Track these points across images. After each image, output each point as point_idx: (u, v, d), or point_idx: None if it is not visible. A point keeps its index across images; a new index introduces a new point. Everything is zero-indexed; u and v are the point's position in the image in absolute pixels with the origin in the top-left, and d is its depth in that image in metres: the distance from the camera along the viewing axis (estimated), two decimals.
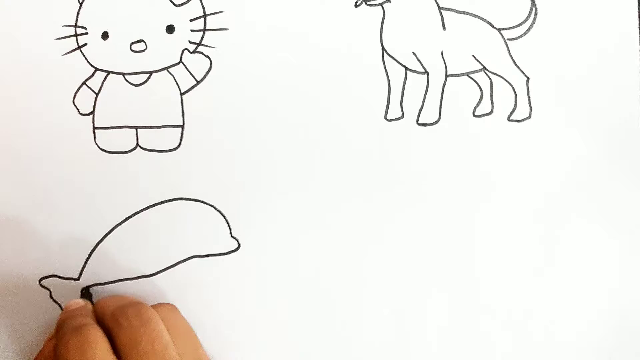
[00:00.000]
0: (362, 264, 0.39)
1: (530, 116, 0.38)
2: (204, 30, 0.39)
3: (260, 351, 0.39)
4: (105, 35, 0.40)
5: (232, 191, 0.39)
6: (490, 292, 0.39)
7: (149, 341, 0.31)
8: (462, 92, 0.39)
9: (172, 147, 0.40)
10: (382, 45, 0.39)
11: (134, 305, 0.33)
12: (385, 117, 0.39)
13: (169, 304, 0.37)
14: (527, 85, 0.38)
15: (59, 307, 0.40)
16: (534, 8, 0.38)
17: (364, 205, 0.39)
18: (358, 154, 0.39)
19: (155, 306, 0.36)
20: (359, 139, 0.39)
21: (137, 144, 0.40)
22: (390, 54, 0.39)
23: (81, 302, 0.37)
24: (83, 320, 0.33)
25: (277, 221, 0.39)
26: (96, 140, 0.40)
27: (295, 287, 0.39)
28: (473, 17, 0.39)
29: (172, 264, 0.39)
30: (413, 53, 0.39)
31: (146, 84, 0.40)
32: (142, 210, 0.39)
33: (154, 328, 0.31)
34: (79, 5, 0.40)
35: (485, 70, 0.39)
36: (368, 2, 0.39)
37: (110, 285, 0.39)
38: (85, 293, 0.39)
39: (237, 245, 0.39)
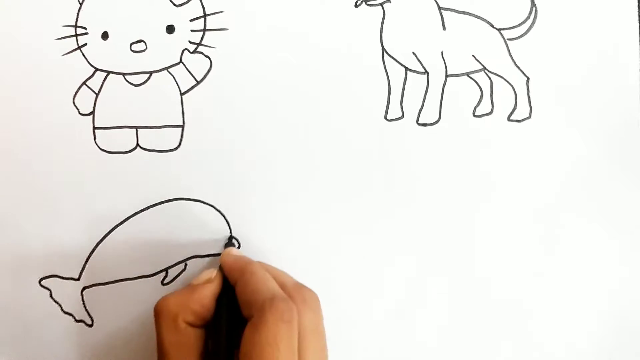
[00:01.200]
0: (362, 263, 0.39)
1: (530, 116, 0.39)
2: (204, 30, 0.39)
3: None
4: (105, 36, 0.40)
5: (232, 191, 0.39)
6: (490, 291, 0.39)
7: (323, 331, 0.33)
8: (462, 92, 0.39)
9: (172, 147, 0.40)
10: (382, 45, 0.39)
11: (312, 292, 0.34)
12: (385, 117, 0.39)
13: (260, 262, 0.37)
14: (527, 85, 0.38)
15: (59, 307, 0.40)
16: (534, 8, 0.38)
17: (364, 204, 0.39)
18: (358, 154, 0.39)
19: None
20: (359, 139, 0.39)
21: (137, 144, 0.40)
22: (390, 54, 0.39)
23: (243, 254, 0.37)
24: (275, 286, 0.33)
25: (277, 221, 0.39)
26: (96, 140, 0.40)
27: None
28: (473, 17, 0.39)
29: (172, 264, 0.39)
30: (413, 53, 0.39)
31: (146, 84, 0.40)
32: (142, 210, 0.39)
33: (322, 321, 0.34)
34: (79, 5, 0.40)
35: (485, 70, 0.39)
36: (368, 2, 0.39)
37: (110, 285, 0.39)
38: (229, 242, 0.39)
39: (237, 245, 0.39)
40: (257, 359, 0.30)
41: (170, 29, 0.40)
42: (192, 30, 0.39)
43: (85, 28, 0.40)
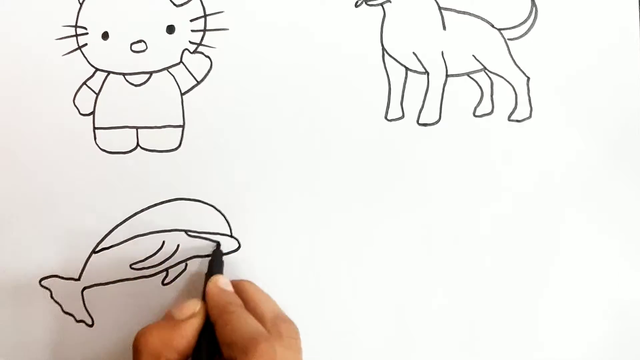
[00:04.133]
0: (362, 263, 0.39)
1: (530, 116, 0.38)
2: (204, 30, 0.39)
3: None
4: (105, 36, 0.40)
5: (232, 191, 0.39)
6: (490, 291, 0.39)
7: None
8: (463, 92, 0.39)
9: (172, 147, 0.40)
10: (382, 45, 0.39)
11: (291, 326, 0.34)
12: (386, 117, 0.39)
13: (247, 281, 0.37)
14: (528, 85, 0.38)
15: (59, 307, 0.40)
16: (534, 8, 0.38)
17: (364, 204, 0.39)
18: (358, 154, 0.39)
19: (237, 282, 0.37)
20: (359, 139, 0.39)
21: (137, 144, 0.40)
22: (390, 54, 0.39)
23: (229, 285, 0.36)
24: (256, 324, 0.33)
25: (277, 221, 0.39)
26: (96, 140, 0.40)
27: (296, 286, 0.39)
28: (473, 17, 0.39)
29: (172, 264, 0.39)
30: (413, 53, 0.39)
31: (146, 84, 0.40)
32: (142, 211, 0.39)
33: (299, 352, 0.33)
34: (79, 5, 0.40)
35: (486, 70, 0.39)
36: (368, 2, 0.39)
37: (110, 285, 0.39)
38: (218, 249, 0.38)
39: (237, 245, 0.39)
40: None
41: (170, 29, 0.40)
42: (192, 30, 0.39)
43: (85, 28, 0.40)
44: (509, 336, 0.39)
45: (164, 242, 0.39)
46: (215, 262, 0.38)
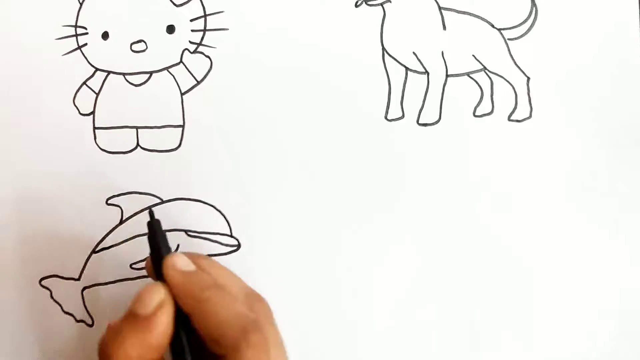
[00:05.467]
0: (362, 262, 0.39)
1: (530, 116, 0.38)
2: (204, 30, 0.39)
3: None
4: (105, 36, 0.40)
5: (232, 191, 0.39)
6: (490, 291, 0.39)
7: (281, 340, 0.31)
8: (463, 92, 0.39)
9: (172, 147, 0.40)
10: (382, 45, 0.39)
11: (262, 302, 0.32)
12: (386, 117, 0.39)
13: (203, 255, 0.34)
14: (528, 85, 0.38)
15: (59, 307, 0.40)
16: (534, 8, 0.38)
17: (364, 204, 0.39)
18: (358, 154, 0.39)
19: (192, 258, 0.32)
20: (359, 139, 0.39)
21: (137, 144, 0.40)
22: (390, 54, 0.39)
23: (189, 262, 0.31)
24: (238, 307, 0.30)
25: (277, 221, 0.39)
26: (96, 140, 0.40)
27: (296, 286, 0.39)
28: (473, 17, 0.39)
29: None
30: (413, 53, 0.39)
31: (146, 84, 0.40)
32: (142, 210, 0.39)
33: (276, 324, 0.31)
34: (79, 5, 0.40)
35: (486, 70, 0.39)
36: (368, 2, 0.39)
37: (110, 285, 0.39)
38: (152, 219, 0.33)
39: (237, 245, 0.39)
40: None
41: (170, 29, 0.40)
42: (192, 30, 0.39)
43: (85, 28, 0.40)
44: (508, 336, 0.38)
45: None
46: (157, 236, 0.33)
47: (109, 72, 0.40)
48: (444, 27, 0.39)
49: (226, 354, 0.28)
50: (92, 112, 0.40)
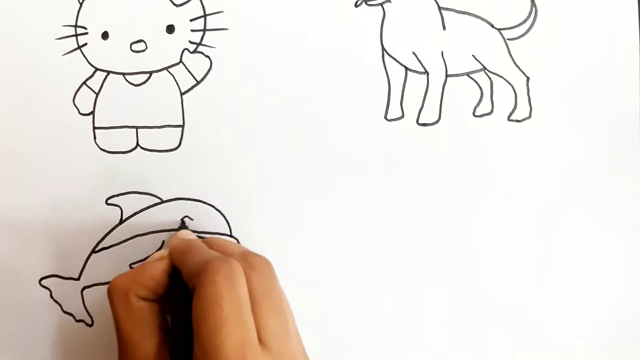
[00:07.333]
0: (362, 262, 0.39)
1: (530, 116, 0.39)
2: (204, 30, 0.39)
3: None
4: (105, 35, 0.40)
5: (232, 191, 0.39)
6: (490, 291, 0.39)
7: (279, 296, 0.32)
8: (462, 92, 0.39)
9: (172, 147, 0.40)
10: (382, 45, 0.39)
11: (261, 257, 0.33)
12: (386, 117, 0.39)
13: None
14: (527, 85, 0.38)
15: (59, 307, 0.40)
16: (534, 8, 0.38)
17: (364, 204, 0.39)
18: (358, 154, 0.39)
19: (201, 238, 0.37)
20: (359, 139, 0.39)
21: (137, 144, 0.40)
22: (390, 54, 0.39)
23: (193, 235, 0.37)
24: (214, 252, 0.32)
25: (277, 221, 0.39)
26: (96, 140, 0.40)
27: (296, 286, 0.39)
28: (473, 17, 0.39)
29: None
30: (413, 53, 0.39)
31: (146, 84, 0.40)
32: (142, 211, 0.39)
33: (279, 286, 0.32)
34: (79, 5, 0.40)
35: (486, 70, 0.39)
36: (368, 2, 0.39)
37: None
38: (182, 225, 0.39)
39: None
40: (204, 324, 0.28)
41: (170, 29, 0.40)
42: (192, 30, 0.39)
43: (85, 28, 0.40)
44: (508, 336, 0.39)
45: (163, 242, 0.39)
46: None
47: (108, 72, 0.40)
48: (444, 27, 0.39)
49: (195, 283, 0.30)
50: (92, 112, 0.40)
